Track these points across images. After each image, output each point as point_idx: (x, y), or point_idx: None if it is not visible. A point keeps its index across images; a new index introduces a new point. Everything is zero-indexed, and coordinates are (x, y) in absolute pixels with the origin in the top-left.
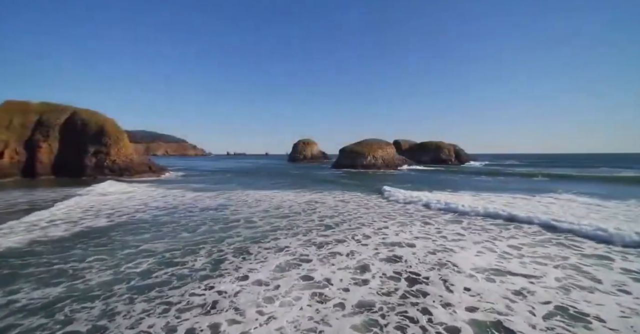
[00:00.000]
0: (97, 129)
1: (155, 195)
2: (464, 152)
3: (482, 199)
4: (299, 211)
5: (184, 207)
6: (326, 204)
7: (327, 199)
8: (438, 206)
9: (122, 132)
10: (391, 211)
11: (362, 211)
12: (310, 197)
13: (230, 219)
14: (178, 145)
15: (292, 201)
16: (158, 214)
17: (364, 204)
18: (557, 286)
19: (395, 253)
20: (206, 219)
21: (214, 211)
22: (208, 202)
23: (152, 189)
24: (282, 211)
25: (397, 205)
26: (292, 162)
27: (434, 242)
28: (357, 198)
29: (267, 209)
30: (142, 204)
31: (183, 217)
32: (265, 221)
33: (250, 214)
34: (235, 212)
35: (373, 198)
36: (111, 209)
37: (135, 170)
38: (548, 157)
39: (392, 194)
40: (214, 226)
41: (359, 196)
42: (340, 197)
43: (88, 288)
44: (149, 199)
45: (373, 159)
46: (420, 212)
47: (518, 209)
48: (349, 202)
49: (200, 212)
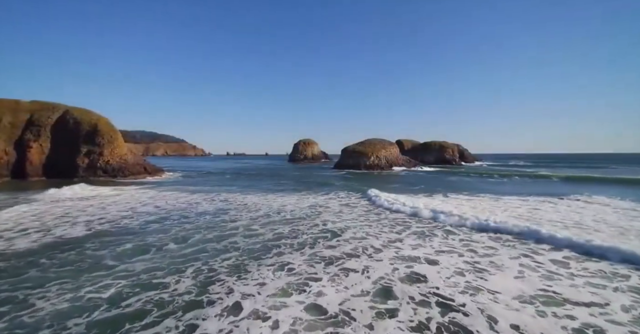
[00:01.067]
0: (90, 128)
1: (146, 198)
2: (467, 152)
3: (504, 203)
4: (302, 216)
5: (177, 213)
6: (330, 209)
7: (331, 204)
8: (458, 218)
9: (116, 132)
10: (405, 219)
11: (371, 217)
12: (313, 201)
13: (228, 226)
14: (177, 145)
15: (295, 205)
16: (146, 221)
17: (373, 210)
18: (628, 319)
19: (415, 270)
20: (201, 226)
21: (211, 216)
22: (205, 207)
23: (144, 191)
24: (284, 216)
25: (409, 212)
26: (293, 162)
27: (461, 258)
28: (364, 202)
29: (268, 214)
30: (129, 210)
31: (174, 224)
32: (267, 228)
33: (251, 220)
34: (234, 218)
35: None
36: (90, 215)
37: (130, 171)
38: (549, 157)
39: (401, 202)
40: (209, 234)
41: (366, 200)
42: (346, 201)
43: (35, 323)
44: (137, 204)
45: (376, 159)
46: (438, 224)
47: (548, 224)
48: (356, 206)
49: (195, 218)
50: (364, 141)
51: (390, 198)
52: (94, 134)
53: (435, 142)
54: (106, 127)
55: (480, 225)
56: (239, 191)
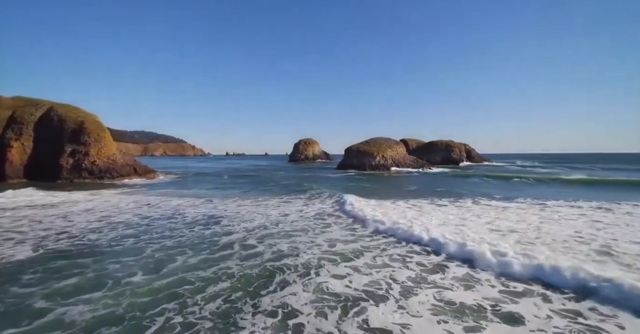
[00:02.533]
0: (76, 126)
1: (128, 205)
2: (475, 152)
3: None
4: (305, 228)
5: (160, 224)
6: (342, 222)
7: (342, 218)
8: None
9: (104, 130)
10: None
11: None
12: (320, 209)
13: (219, 242)
14: (177, 145)
15: (298, 214)
16: (118, 236)
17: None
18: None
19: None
20: (185, 243)
21: (201, 228)
22: (194, 215)
23: (127, 196)
24: (283, 227)
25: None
26: (293, 162)
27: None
28: (392, 211)
29: (265, 225)
30: (102, 220)
31: (153, 240)
32: (265, 242)
33: (247, 232)
34: (227, 230)
35: (407, 212)
36: (49, 229)
37: (118, 172)
38: (555, 157)
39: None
40: (194, 256)
41: (389, 207)
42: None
43: None
44: (115, 212)
45: (382, 159)
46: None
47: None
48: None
49: (180, 231)
50: (369, 140)
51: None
52: (79, 132)
53: (441, 141)
54: (93, 125)
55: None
56: (235, 195)
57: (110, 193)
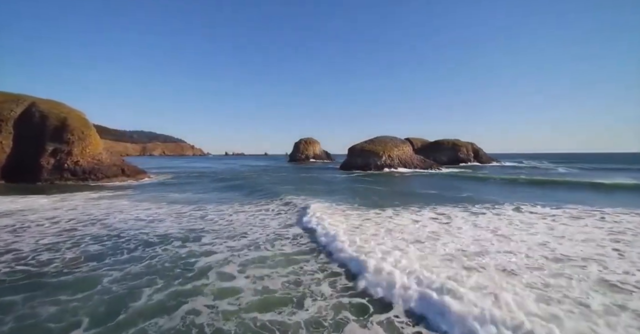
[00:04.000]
0: (58, 123)
1: (99, 213)
2: (482, 151)
3: None
4: (307, 250)
5: (128, 240)
6: (359, 235)
7: (371, 230)
8: None
9: (89, 127)
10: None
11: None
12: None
13: (194, 269)
14: (175, 145)
15: (301, 226)
16: (78, 256)
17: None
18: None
19: None
20: (151, 269)
21: (176, 246)
22: (172, 227)
23: (104, 201)
24: (281, 248)
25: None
26: (293, 162)
27: None
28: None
29: (256, 243)
30: (63, 233)
31: (117, 264)
32: (251, 272)
33: (231, 253)
34: (207, 250)
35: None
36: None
37: (104, 173)
38: (558, 157)
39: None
40: (160, 291)
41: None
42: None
43: None
44: (82, 222)
45: (388, 159)
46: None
47: None
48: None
49: (150, 250)
50: (374, 139)
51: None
52: (62, 130)
53: (447, 140)
54: (77, 122)
55: None
56: (227, 200)
57: (87, 197)
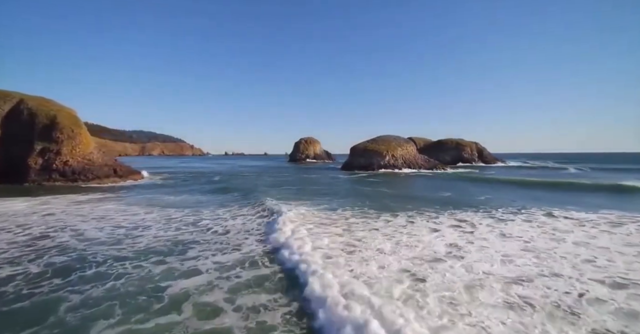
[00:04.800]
0: (47, 121)
1: (77, 219)
2: (487, 151)
3: None
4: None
5: (103, 253)
6: (379, 254)
7: (376, 243)
8: None
9: (79, 126)
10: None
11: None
12: (340, 234)
13: (171, 291)
14: (175, 145)
15: (306, 238)
16: (39, 272)
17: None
18: None
19: None
20: (119, 292)
21: (148, 263)
22: (156, 236)
23: (88, 205)
24: (279, 264)
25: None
26: (293, 162)
27: None
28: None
29: (253, 257)
30: (33, 244)
31: (80, 285)
32: (241, 299)
33: (219, 270)
34: (190, 267)
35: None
36: None
37: (95, 174)
38: (561, 157)
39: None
40: (118, 325)
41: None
42: (407, 239)
43: None
44: (54, 228)
45: (392, 158)
46: None
47: None
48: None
49: (123, 266)
50: (377, 138)
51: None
52: (50, 128)
53: (451, 139)
54: (67, 120)
55: None
56: (221, 204)
57: (72, 201)
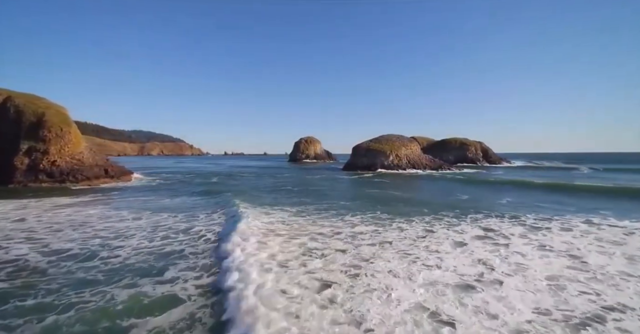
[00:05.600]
0: (35, 119)
1: (50, 226)
2: (491, 151)
3: None
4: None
5: (68, 270)
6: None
7: (388, 263)
8: None
9: (68, 124)
10: None
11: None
12: (351, 246)
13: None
14: (174, 145)
15: (314, 254)
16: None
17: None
18: None
19: None
20: (69, 329)
21: (126, 284)
22: (134, 249)
23: (69, 209)
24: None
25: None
26: (293, 162)
27: None
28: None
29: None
30: None
31: (25, 315)
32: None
33: (202, 295)
34: (168, 292)
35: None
36: None
37: (85, 174)
38: (564, 157)
39: None
40: None
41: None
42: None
43: None
44: (19, 239)
45: (396, 158)
46: None
47: None
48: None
49: (64, 294)
50: (380, 137)
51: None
52: (38, 126)
53: (455, 139)
54: (56, 118)
55: None
56: (214, 209)
57: (54, 204)
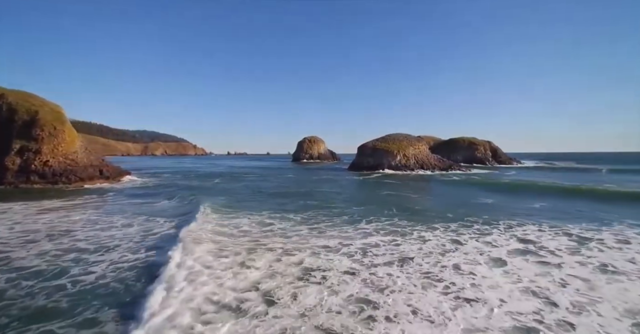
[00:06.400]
0: (28, 117)
1: (27, 235)
2: (501, 151)
3: None
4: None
5: (28, 294)
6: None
7: (411, 293)
8: None
9: (62, 122)
10: None
11: None
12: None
13: None
14: (177, 145)
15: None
16: None
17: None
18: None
19: None
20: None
21: (91, 314)
22: (112, 264)
23: (41, 216)
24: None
25: None
26: (297, 161)
27: None
28: None
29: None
30: None
31: None
32: None
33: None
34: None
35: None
36: None
37: (78, 175)
38: (570, 157)
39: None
40: None
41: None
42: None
43: None
44: None
45: (404, 158)
46: None
47: None
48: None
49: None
50: (386, 136)
51: None
52: (31, 125)
53: (463, 138)
54: (49, 116)
55: None
56: (212, 213)
57: (39, 208)
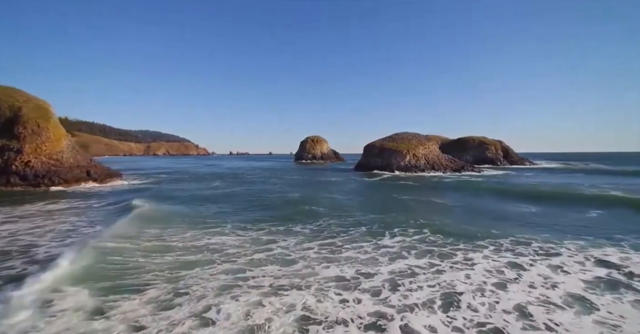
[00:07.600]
0: (10, 113)
1: None
2: (512, 151)
3: None
4: None
5: None
6: None
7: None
8: None
9: (47, 119)
10: None
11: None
12: None
13: None
14: (179, 145)
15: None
16: None
17: None
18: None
19: None
20: None
21: None
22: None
23: (6, 228)
24: None
25: None
26: (299, 162)
27: None
28: None
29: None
30: None
31: None
32: None
33: None
34: None
35: None
36: None
37: (62, 177)
38: (577, 157)
39: None
40: None
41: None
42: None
43: None
44: None
45: (413, 158)
46: None
47: None
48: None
49: None
50: (394, 135)
51: None
52: (13, 122)
53: (473, 137)
54: (33, 113)
55: None
56: (208, 222)
57: (5, 215)
